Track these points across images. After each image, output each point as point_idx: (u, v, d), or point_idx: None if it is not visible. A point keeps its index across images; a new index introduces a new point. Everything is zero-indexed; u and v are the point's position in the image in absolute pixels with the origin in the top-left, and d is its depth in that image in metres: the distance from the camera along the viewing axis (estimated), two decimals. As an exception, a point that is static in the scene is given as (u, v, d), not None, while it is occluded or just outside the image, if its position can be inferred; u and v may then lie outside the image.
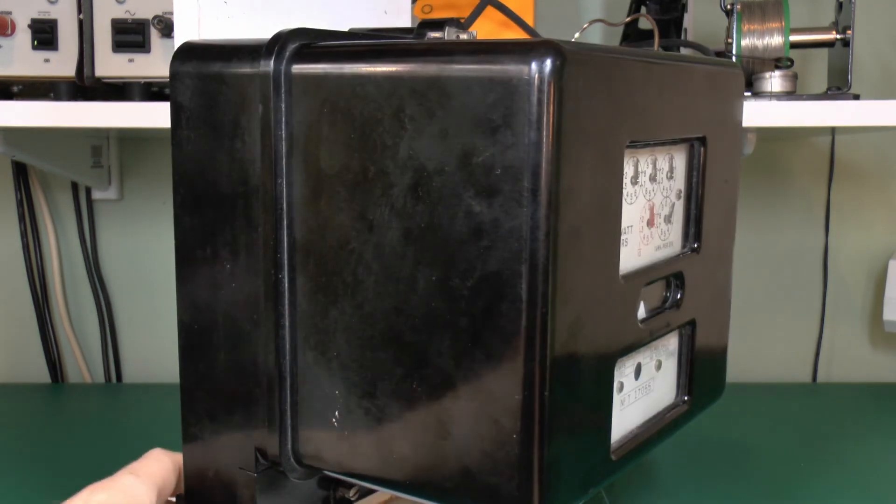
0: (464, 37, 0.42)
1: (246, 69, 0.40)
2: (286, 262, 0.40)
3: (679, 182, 0.48)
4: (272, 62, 0.39)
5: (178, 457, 0.47)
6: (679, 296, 0.47)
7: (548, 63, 0.34)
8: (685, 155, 0.48)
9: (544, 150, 0.34)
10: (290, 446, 0.42)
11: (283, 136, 0.40)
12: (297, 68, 0.39)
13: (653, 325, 0.45)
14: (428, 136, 0.36)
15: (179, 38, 0.43)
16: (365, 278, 0.38)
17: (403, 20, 0.61)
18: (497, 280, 0.35)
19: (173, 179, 0.43)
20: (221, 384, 0.43)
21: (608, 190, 0.39)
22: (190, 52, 0.43)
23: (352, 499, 0.48)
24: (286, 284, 0.40)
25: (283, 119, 0.40)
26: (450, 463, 0.37)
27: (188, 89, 0.42)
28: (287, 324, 0.41)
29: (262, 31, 0.47)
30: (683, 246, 0.49)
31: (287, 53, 0.40)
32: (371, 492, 0.49)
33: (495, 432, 0.36)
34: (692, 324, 0.49)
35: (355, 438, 0.40)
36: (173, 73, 0.42)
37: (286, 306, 0.41)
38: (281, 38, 0.40)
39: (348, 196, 0.38)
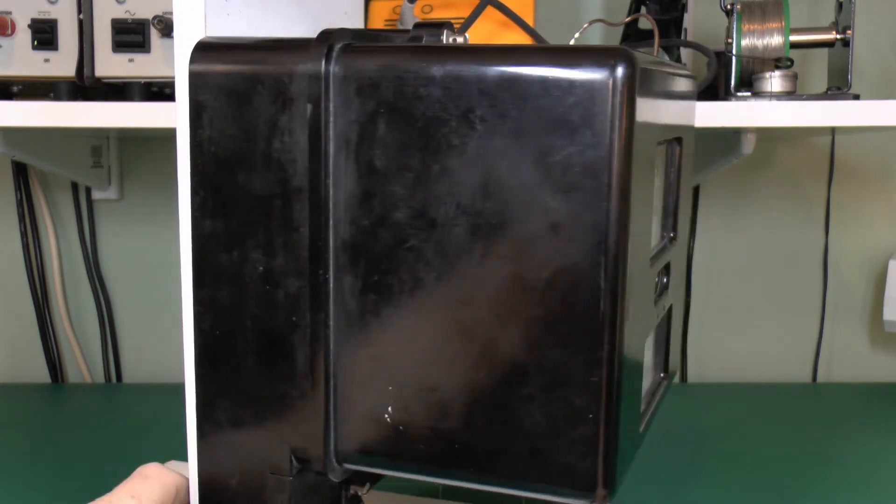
0: (460, 40, 0.43)
1: (288, 68, 0.39)
2: (331, 261, 0.40)
3: (659, 178, 0.51)
4: (322, 62, 0.39)
5: (175, 474, 0.45)
6: (665, 281, 0.50)
7: (624, 68, 0.36)
8: (664, 154, 0.51)
9: (621, 148, 0.36)
10: (332, 446, 0.41)
11: (332, 135, 0.39)
12: (349, 68, 0.39)
13: (657, 309, 0.48)
14: (500, 135, 0.37)
15: (182, 36, 0.42)
16: (425, 275, 0.39)
17: (359, 21, 0.62)
18: (575, 271, 0.37)
19: (192, 181, 0.41)
20: (250, 389, 0.42)
21: (648, 184, 0.42)
22: (212, 50, 0.41)
23: (362, 496, 0.48)
24: (331, 284, 0.40)
25: (332, 119, 0.39)
26: (518, 447, 0.39)
27: (212, 88, 0.41)
28: (331, 323, 0.40)
29: (255, 29, 0.47)
30: (661, 237, 0.51)
31: (335, 53, 0.39)
32: (379, 477, 0.49)
33: (569, 413, 0.38)
34: (670, 307, 0.52)
35: (412, 433, 0.40)
36: (193, 72, 0.41)
37: (331, 306, 0.40)
38: (330, 37, 0.40)
39: (407, 195, 0.39)
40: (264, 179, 0.40)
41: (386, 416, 0.40)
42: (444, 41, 0.42)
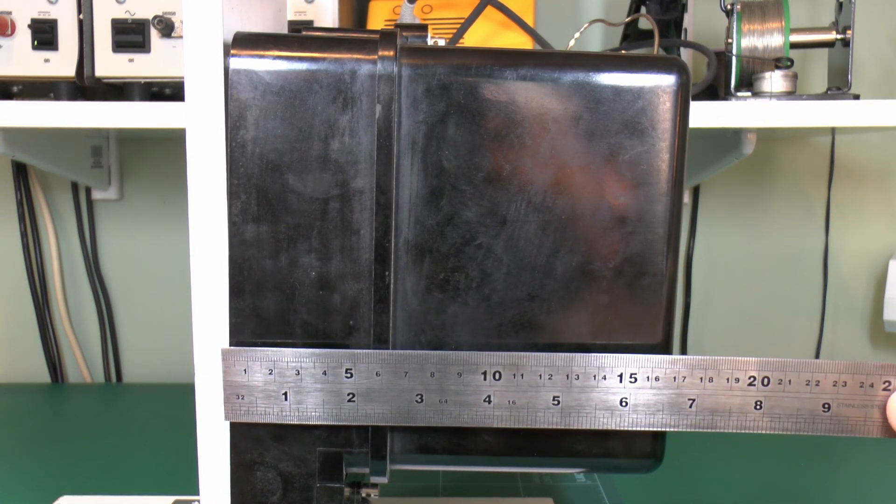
0: (441, 43, 0.43)
1: (351, 67, 0.39)
2: (392, 262, 0.40)
3: None
4: (394, 62, 0.39)
5: None
6: None
7: (681, 76, 0.40)
8: None
9: (680, 147, 0.40)
10: (389, 448, 0.41)
11: (397, 136, 0.39)
12: (417, 69, 0.39)
13: None
14: (573, 136, 0.40)
15: (194, 31, 0.39)
16: (493, 271, 0.40)
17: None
18: (640, 259, 0.40)
19: (230, 185, 0.39)
20: None
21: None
22: (255, 45, 0.39)
23: (369, 498, 0.48)
24: (393, 285, 0.40)
25: (398, 119, 0.39)
26: (584, 429, 0.41)
27: (258, 86, 0.39)
28: (391, 324, 0.40)
29: (249, 23, 0.45)
30: None
31: (398, 52, 0.39)
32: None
33: None
34: None
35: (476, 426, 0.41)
36: (235, 69, 0.39)
37: (391, 307, 0.40)
38: (394, 36, 0.39)
39: (476, 194, 0.40)
40: (320, 181, 0.39)
41: None
42: (430, 43, 0.42)
